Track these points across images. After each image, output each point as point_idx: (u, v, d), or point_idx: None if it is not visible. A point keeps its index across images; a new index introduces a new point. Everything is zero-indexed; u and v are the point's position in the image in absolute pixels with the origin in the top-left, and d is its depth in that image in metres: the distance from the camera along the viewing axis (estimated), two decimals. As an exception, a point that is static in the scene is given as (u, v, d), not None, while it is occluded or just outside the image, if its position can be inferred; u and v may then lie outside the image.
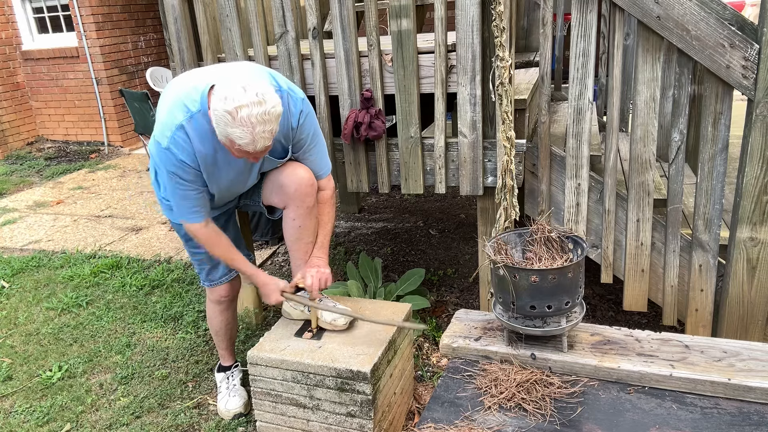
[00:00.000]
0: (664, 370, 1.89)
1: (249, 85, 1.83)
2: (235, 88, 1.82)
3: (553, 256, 2.03)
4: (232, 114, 1.81)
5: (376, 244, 4.14)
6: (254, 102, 1.81)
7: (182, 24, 2.77)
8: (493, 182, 2.52)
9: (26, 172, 6.62)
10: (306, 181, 2.22)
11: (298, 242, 2.33)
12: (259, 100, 1.82)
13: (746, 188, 2.18)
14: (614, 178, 2.37)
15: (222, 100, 1.82)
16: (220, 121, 1.84)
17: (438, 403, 1.93)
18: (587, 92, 2.30)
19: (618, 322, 3.04)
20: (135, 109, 5.98)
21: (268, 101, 1.84)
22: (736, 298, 2.31)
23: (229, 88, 1.83)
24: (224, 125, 1.84)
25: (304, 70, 2.68)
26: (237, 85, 1.83)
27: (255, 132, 1.83)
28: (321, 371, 2.12)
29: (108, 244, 4.43)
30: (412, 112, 2.53)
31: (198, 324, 3.22)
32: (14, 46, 7.44)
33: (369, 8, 2.46)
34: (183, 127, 1.96)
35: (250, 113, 1.81)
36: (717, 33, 2.07)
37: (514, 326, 2.01)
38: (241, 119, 1.81)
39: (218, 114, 1.83)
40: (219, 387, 2.63)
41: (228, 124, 1.83)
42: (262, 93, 1.84)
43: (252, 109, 1.81)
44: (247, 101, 1.81)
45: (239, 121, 1.81)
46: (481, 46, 2.34)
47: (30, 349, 3.12)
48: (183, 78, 2.09)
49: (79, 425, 2.56)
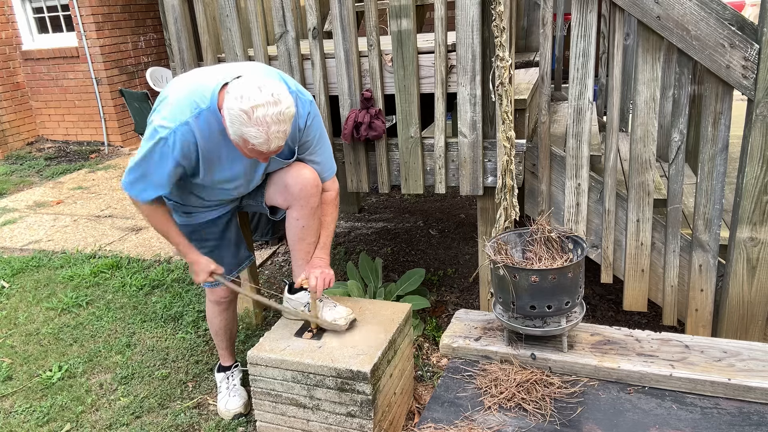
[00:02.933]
0: (664, 370, 1.90)
1: (264, 85, 1.83)
2: (251, 87, 1.82)
3: (553, 256, 2.03)
4: (248, 113, 1.81)
5: (376, 244, 4.14)
6: (270, 102, 1.81)
7: (182, 24, 2.77)
8: (493, 182, 2.52)
9: (26, 172, 6.62)
10: (311, 182, 2.23)
11: (300, 242, 2.33)
12: (275, 100, 1.82)
13: (746, 188, 2.18)
14: (614, 178, 2.37)
15: (238, 99, 1.82)
16: (236, 120, 1.83)
17: (438, 403, 1.93)
18: (587, 92, 2.30)
19: (618, 322, 3.04)
20: (135, 109, 5.98)
21: (283, 101, 1.85)
22: (736, 298, 2.31)
23: (244, 87, 1.83)
24: (239, 124, 1.83)
25: (304, 70, 2.68)
26: (253, 85, 1.83)
27: (270, 132, 1.83)
28: (321, 371, 2.12)
29: (108, 244, 4.43)
30: (412, 112, 2.53)
31: (198, 324, 3.23)
32: (14, 46, 7.44)
33: (369, 8, 2.46)
34: (188, 123, 1.95)
35: (266, 113, 1.81)
36: (717, 33, 2.07)
37: (514, 326, 2.01)
38: (257, 119, 1.81)
39: (233, 113, 1.83)
40: (219, 387, 2.63)
41: (243, 123, 1.82)
42: (278, 93, 1.84)
43: (268, 108, 1.81)
44: (263, 101, 1.81)
45: (255, 120, 1.81)
46: (481, 46, 2.34)
47: (30, 349, 3.12)
48: (191, 75, 2.08)
49: (79, 425, 2.56)
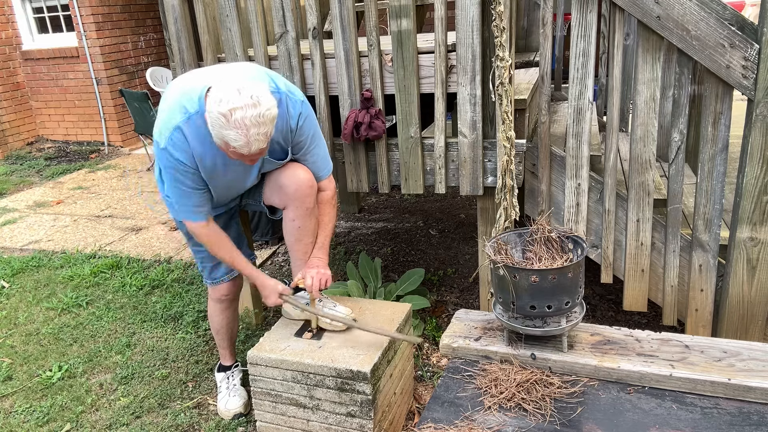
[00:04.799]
0: (664, 370, 1.90)
1: (244, 88, 1.83)
2: (229, 90, 1.82)
3: (553, 256, 2.03)
4: (226, 116, 1.80)
5: (376, 244, 4.14)
6: (248, 104, 1.81)
7: (182, 24, 2.77)
8: (493, 182, 2.52)
9: (26, 172, 6.62)
10: (305, 182, 2.22)
11: (297, 243, 2.33)
12: (254, 102, 1.82)
13: (746, 188, 2.18)
14: (614, 178, 2.37)
15: (217, 102, 1.82)
16: (215, 123, 1.84)
17: (438, 403, 1.93)
18: (587, 92, 2.30)
19: (618, 322, 3.04)
20: (135, 109, 5.98)
21: (263, 104, 1.84)
22: (736, 298, 2.31)
23: (224, 90, 1.82)
24: (219, 127, 1.83)
25: (304, 70, 2.68)
26: (232, 88, 1.82)
27: (249, 134, 1.83)
28: (321, 371, 2.12)
29: (108, 244, 4.43)
30: (412, 112, 2.53)
31: (198, 324, 3.23)
32: (14, 46, 7.44)
33: (369, 8, 2.46)
34: (180, 129, 1.97)
35: (244, 115, 1.80)
36: (717, 33, 2.07)
37: (514, 326, 2.01)
38: (235, 121, 1.80)
39: (213, 116, 1.83)
40: (219, 387, 2.63)
41: (222, 126, 1.82)
42: (257, 95, 1.83)
43: (246, 111, 1.80)
44: (242, 103, 1.80)
45: (233, 123, 1.81)
46: (481, 46, 2.34)
47: (30, 349, 3.12)
48: (183, 79, 2.09)
49: (79, 425, 2.56)
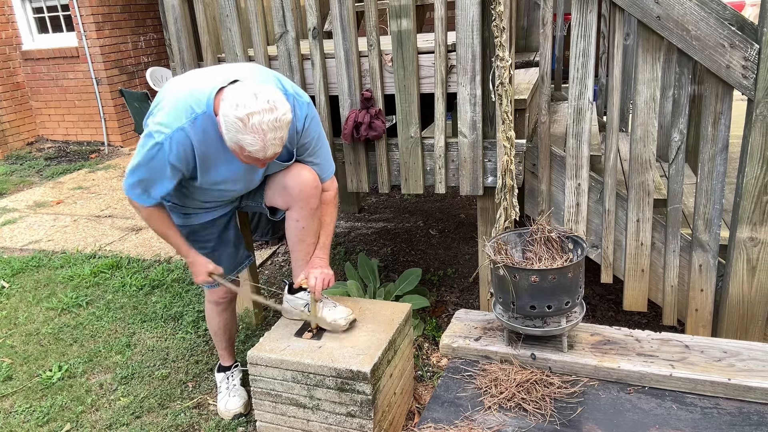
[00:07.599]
0: (664, 370, 1.90)
1: (260, 92, 1.82)
2: (246, 94, 1.81)
3: (553, 256, 2.03)
4: (243, 121, 1.80)
5: (376, 244, 4.14)
6: (266, 109, 1.80)
7: (182, 24, 2.77)
8: (493, 182, 2.52)
9: (26, 172, 6.62)
10: (310, 183, 2.22)
11: (300, 243, 2.33)
12: (271, 107, 1.81)
13: (746, 188, 2.18)
14: (614, 178, 2.37)
15: (233, 106, 1.81)
16: (231, 127, 1.83)
17: (438, 403, 1.93)
18: (587, 92, 2.30)
19: (618, 322, 3.04)
20: (135, 109, 5.99)
21: (279, 108, 1.84)
22: (736, 298, 2.31)
23: (240, 94, 1.82)
24: (235, 132, 1.83)
25: (304, 70, 2.68)
26: (248, 92, 1.82)
27: (266, 139, 1.83)
28: (321, 371, 2.12)
29: (108, 244, 4.43)
30: (412, 112, 2.53)
31: (198, 324, 3.22)
32: (14, 46, 7.44)
33: (369, 8, 2.46)
34: (184, 129, 1.95)
35: (261, 120, 1.80)
36: (717, 33, 2.07)
37: (514, 326, 2.01)
38: (253, 126, 1.80)
39: (229, 120, 1.82)
40: (219, 387, 2.63)
41: (239, 131, 1.82)
42: (274, 100, 1.83)
43: (263, 116, 1.80)
44: (259, 108, 1.80)
45: (251, 128, 1.80)
46: (481, 46, 2.34)
47: (30, 349, 3.12)
48: (186, 78, 2.07)
49: (79, 425, 2.56)
